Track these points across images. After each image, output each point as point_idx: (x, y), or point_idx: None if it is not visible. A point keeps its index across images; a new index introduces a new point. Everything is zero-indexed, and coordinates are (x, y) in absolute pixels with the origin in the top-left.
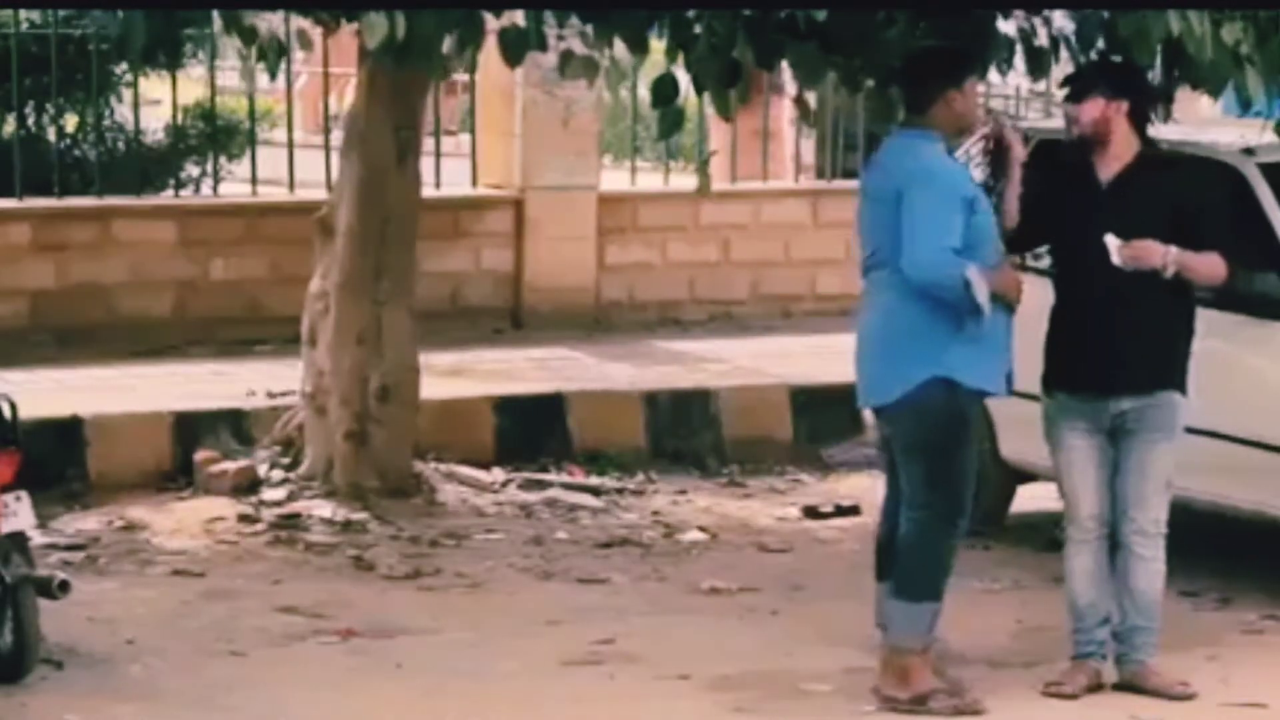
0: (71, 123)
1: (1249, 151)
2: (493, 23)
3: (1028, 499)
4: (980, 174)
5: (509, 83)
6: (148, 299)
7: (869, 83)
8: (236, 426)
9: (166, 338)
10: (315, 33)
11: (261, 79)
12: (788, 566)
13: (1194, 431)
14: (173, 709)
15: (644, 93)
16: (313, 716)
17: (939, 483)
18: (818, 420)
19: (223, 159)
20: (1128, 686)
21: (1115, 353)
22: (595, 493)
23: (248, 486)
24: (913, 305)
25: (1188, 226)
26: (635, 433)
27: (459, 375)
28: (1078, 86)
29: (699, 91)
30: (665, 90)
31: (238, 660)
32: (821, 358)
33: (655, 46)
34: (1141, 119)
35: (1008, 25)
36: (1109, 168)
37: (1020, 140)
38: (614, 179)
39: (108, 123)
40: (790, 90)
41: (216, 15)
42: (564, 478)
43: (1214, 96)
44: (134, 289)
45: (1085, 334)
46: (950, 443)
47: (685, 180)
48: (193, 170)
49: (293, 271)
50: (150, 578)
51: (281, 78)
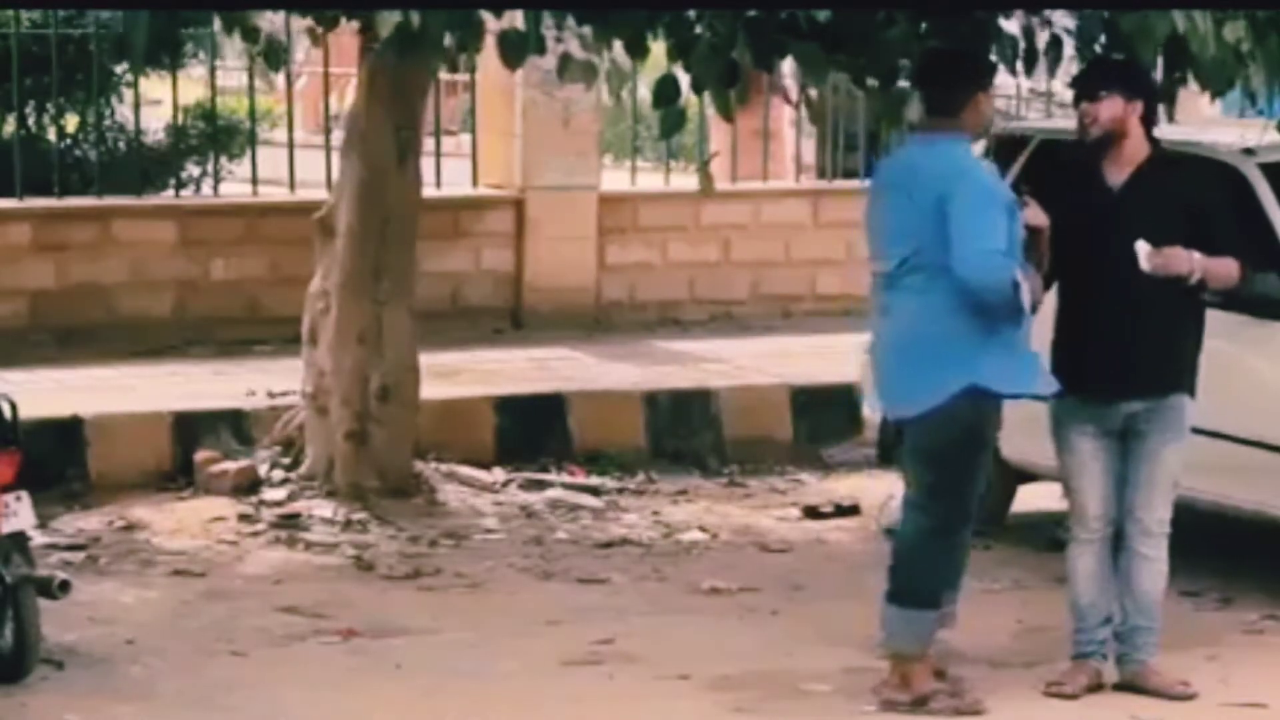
0: (71, 123)
1: (1249, 151)
2: (493, 24)
3: (1028, 499)
4: None
5: (509, 83)
6: (148, 299)
7: (871, 82)
8: (236, 426)
9: (166, 338)
10: (319, 28)
11: (267, 77)
12: (788, 566)
13: (1197, 431)
14: (173, 709)
15: (644, 93)
16: (313, 716)
17: (946, 491)
18: (818, 420)
19: (223, 159)
20: (1128, 686)
21: (1126, 356)
22: (595, 493)
23: (248, 486)
24: (947, 311)
25: (1199, 229)
26: (635, 433)
27: (459, 375)
28: (1092, 85)
29: (699, 92)
30: (667, 91)
31: (238, 660)
32: (821, 358)
33: (656, 49)
34: (1150, 121)
35: (1010, 24)
36: (1120, 170)
37: (1040, 214)
38: (614, 179)
39: (108, 123)
40: (790, 91)
41: (217, 15)
42: (564, 478)
43: (1216, 95)
44: (134, 289)
45: (1095, 337)
46: (967, 452)
47: (685, 180)
48: (193, 170)
49: (293, 271)
50: (150, 578)
51: (281, 77)
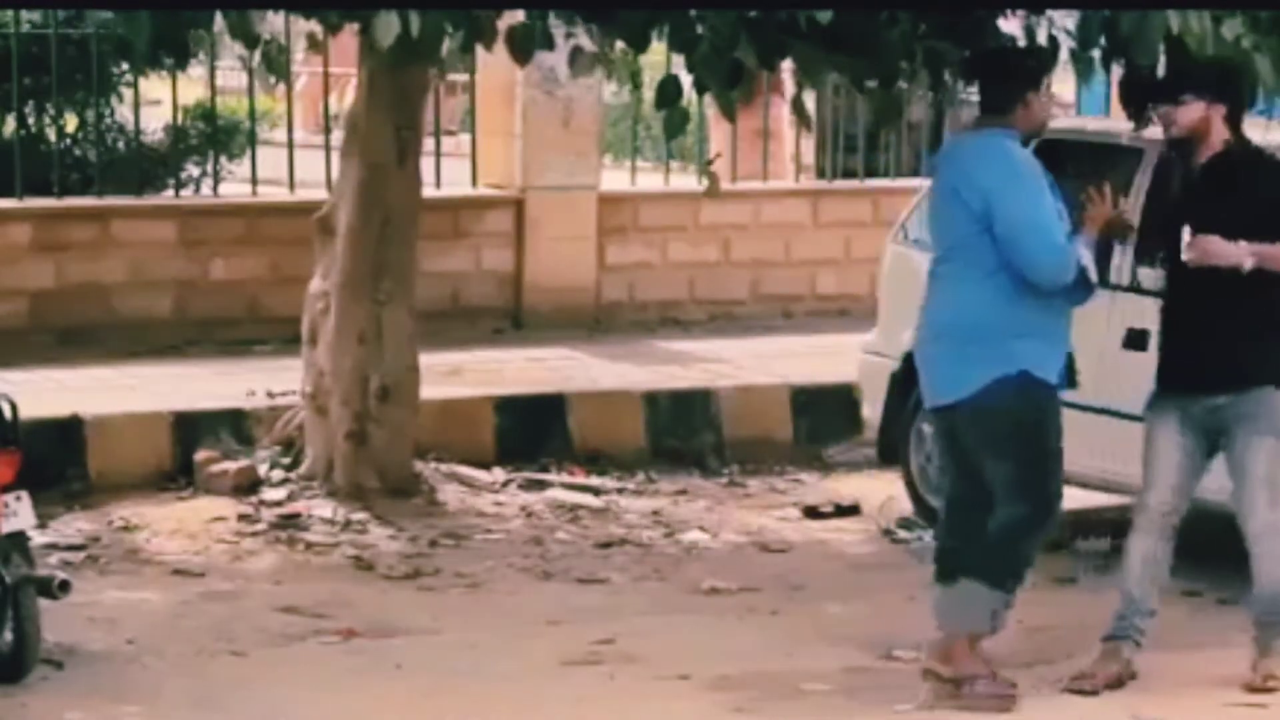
0: (71, 123)
1: None
2: (500, 20)
3: None
4: None
5: (509, 83)
6: (148, 299)
7: (870, 84)
8: (236, 426)
9: (166, 338)
10: (320, 31)
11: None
12: (788, 566)
13: None
14: (173, 709)
15: (644, 93)
16: (313, 716)
17: (1028, 481)
18: (818, 420)
19: (223, 159)
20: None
21: (1201, 348)
22: (595, 493)
23: (248, 486)
24: (987, 300)
25: (1270, 223)
26: (635, 433)
27: (459, 375)
28: (1172, 89)
29: (700, 92)
30: (669, 92)
31: (238, 660)
32: (821, 358)
33: (657, 47)
34: (1236, 120)
35: (1010, 24)
36: (1200, 168)
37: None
38: (614, 179)
39: (108, 123)
40: (789, 91)
41: (220, 19)
42: (564, 478)
43: None
44: (134, 289)
45: (1175, 330)
46: (1022, 441)
47: (685, 180)
48: (193, 170)
49: (293, 271)
50: (150, 578)
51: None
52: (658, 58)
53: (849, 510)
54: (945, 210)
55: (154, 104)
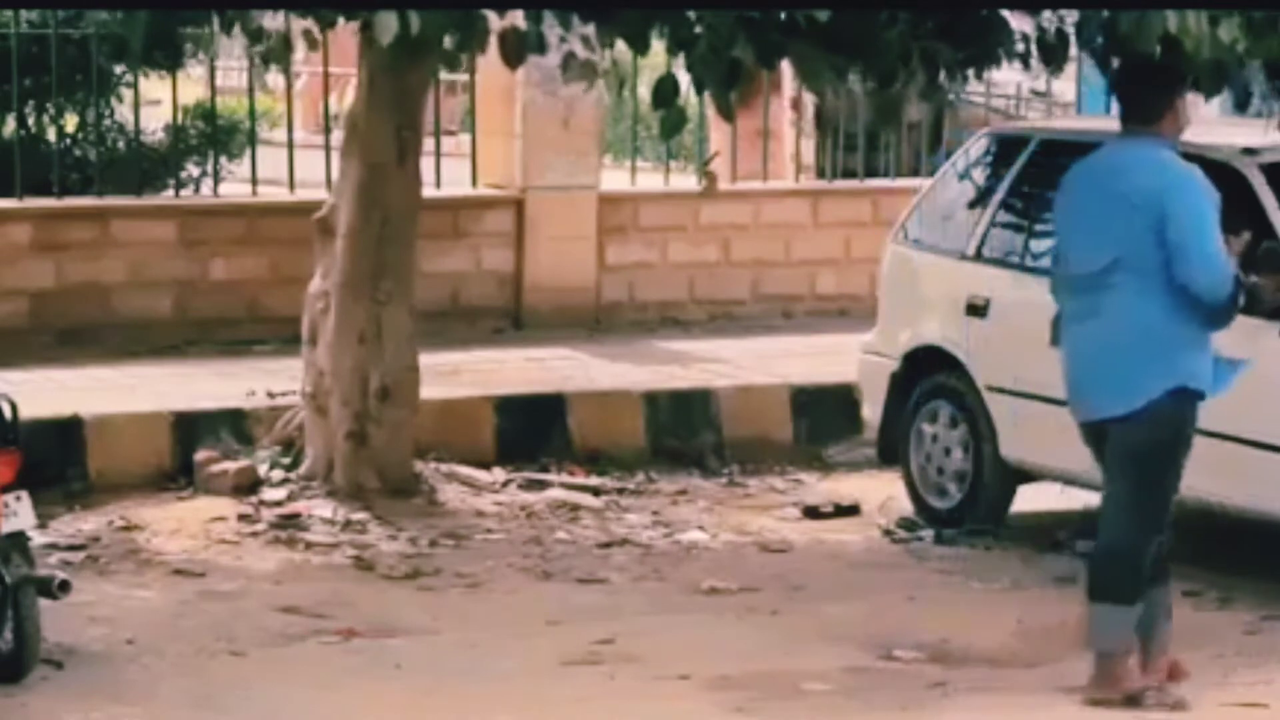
0: (71, 123)
1: (1250, 152)
2: (494, 23)
3: (1028, 499)
4: None
5: (509, 83)
6: (148, 299)
7: (870, 83)
8: (236, 426)
9: (166, 338)
10: (318, 30)
11: (266, 77)
12: (788, 566)
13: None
14: (173, 709)
15: (644, 93)
16: (313, 716)
17: (1152, 489)
18: (818, 420)
19: (223, 159)
20: None
21: None
22: (595, 493)
23: (248, 486)
24: (1156, 312)
25: None
26: (635, 433)
27: (459, 375)
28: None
29: (699, 92)
30: (666, 91)
31: (238, 660)
32: (821, 358)
33: (655, 47)
34: None
35: (1022, 22)
36: None
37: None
38: (614, 179)
39: (108, 123)
40: (789, 91)
41: (216, 15)
42: (564, 478)
43: (1209, 97)
44: (134, 289)
45: None
46: (1174, 451)
47: (685, 180)
48: (193, 170)
49: (293, 271)
50: (150, 578)
51: (281, 77)
52: (657, 58)
53: (849, 510)
54: (1110, 221)
55: (154, 104)
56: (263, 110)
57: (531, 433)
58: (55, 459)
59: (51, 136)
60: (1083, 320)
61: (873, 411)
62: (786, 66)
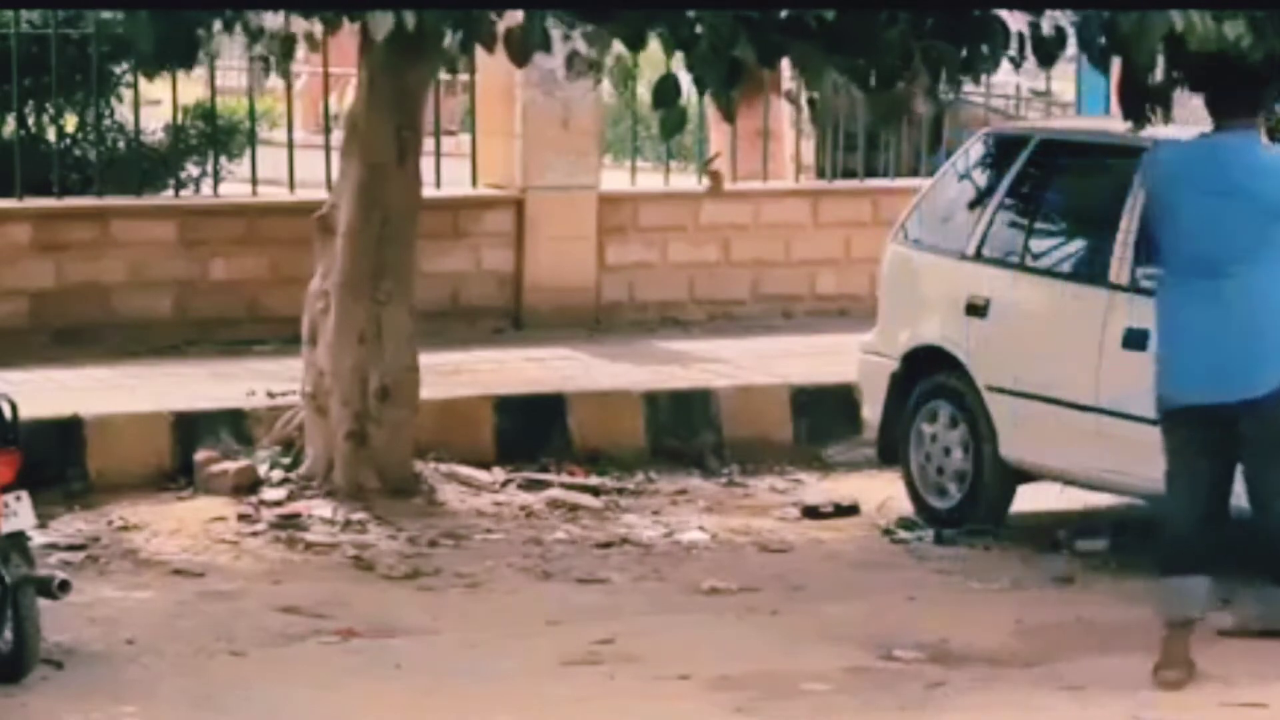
0: (71, 123)
1: None
2: (500, 21)
3: (1028, 499)
4: None
5: (509, 83)
6: (148, 299)
7: (871, 83)
8: (236, 426)
9: (166, 338)
10: (319, 31)
11: (266, 78)
12: (788, 566)
13: None
14: (172, 709)
15: (644, 92)
16: (313, 716)
17: None
18: (817, 420)
19: (223, 159)
20: None
21: None
22: (595, 493)
23: (248, 486)
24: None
25: None
26: (635, 433)
27: (459, 375)
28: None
29: (700, 92)
30: (667, 92)
31: (237, 660)
32: (821, 358)
33: (655, 46)
34: None
35: (1017, 22)
36: None
37: None
38: (614, 179)
39: (107, 123)
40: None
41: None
42: (564, 478)
43: None
44: (134, 289)
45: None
46: None
47: (685, 180)
48: (193, 170)
49: (293, 271)
50: (150, 578)
51: (281, 77)
52: (658, 57)
53: (849, 510)
54: (1226, 210)
55: (154, 104)
56: (263, 110)
57: (531, 433)
58: (55, 459)
59: (51, 136)
60: (1200, 306)
61: (872, 411)
62: (786, 66)
